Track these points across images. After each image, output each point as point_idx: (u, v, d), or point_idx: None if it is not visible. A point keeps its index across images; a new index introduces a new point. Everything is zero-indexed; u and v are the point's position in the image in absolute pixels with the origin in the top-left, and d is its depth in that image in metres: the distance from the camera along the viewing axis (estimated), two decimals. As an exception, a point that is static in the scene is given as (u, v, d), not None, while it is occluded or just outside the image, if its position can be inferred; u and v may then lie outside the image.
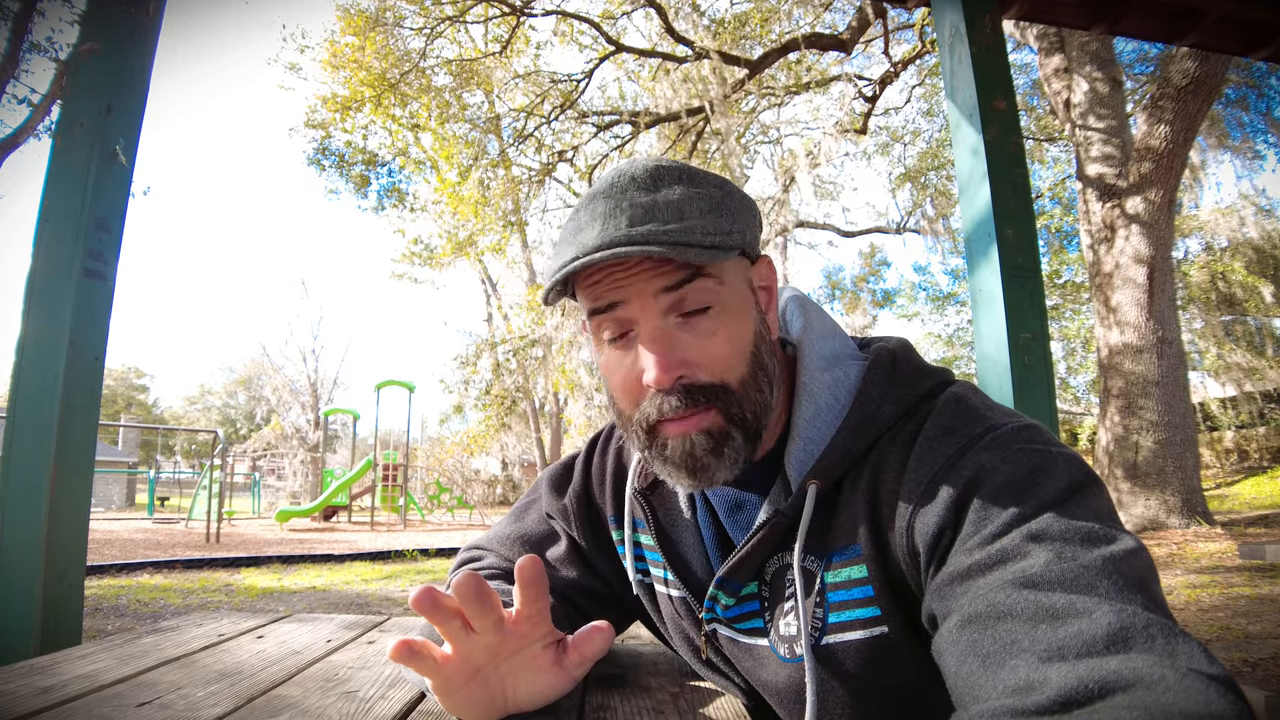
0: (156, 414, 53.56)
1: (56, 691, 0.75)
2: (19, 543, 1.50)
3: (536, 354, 12.71)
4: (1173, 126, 7.41)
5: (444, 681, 0.60)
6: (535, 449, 23.42)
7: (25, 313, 1.58)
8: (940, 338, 23.77)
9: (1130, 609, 0.43)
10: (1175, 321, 7.95)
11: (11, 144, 7.24)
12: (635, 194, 0.65)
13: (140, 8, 1.79)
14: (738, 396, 0.66)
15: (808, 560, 0.68)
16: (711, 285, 0.65)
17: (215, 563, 8.30)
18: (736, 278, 0.69)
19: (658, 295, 0.65)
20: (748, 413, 0.67)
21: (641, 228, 0.62)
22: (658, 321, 0.65)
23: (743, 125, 12.01)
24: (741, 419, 0.67)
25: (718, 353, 0.66)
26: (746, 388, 0.67)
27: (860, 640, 0.64)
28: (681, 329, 0.66)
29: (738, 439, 0.67)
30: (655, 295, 0.65)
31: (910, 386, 0.70)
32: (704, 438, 0.66)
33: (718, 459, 0.66)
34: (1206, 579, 5.19)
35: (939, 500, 0.58)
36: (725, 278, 0.67)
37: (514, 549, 0.91)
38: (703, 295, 0.65)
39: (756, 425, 0.68)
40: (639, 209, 0.64)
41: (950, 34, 2.28)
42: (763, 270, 0.74)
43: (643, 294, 0.65)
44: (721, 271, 0.67)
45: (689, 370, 0.65)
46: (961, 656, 0.48)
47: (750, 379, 0.67)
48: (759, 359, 0.68)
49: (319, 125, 13.19)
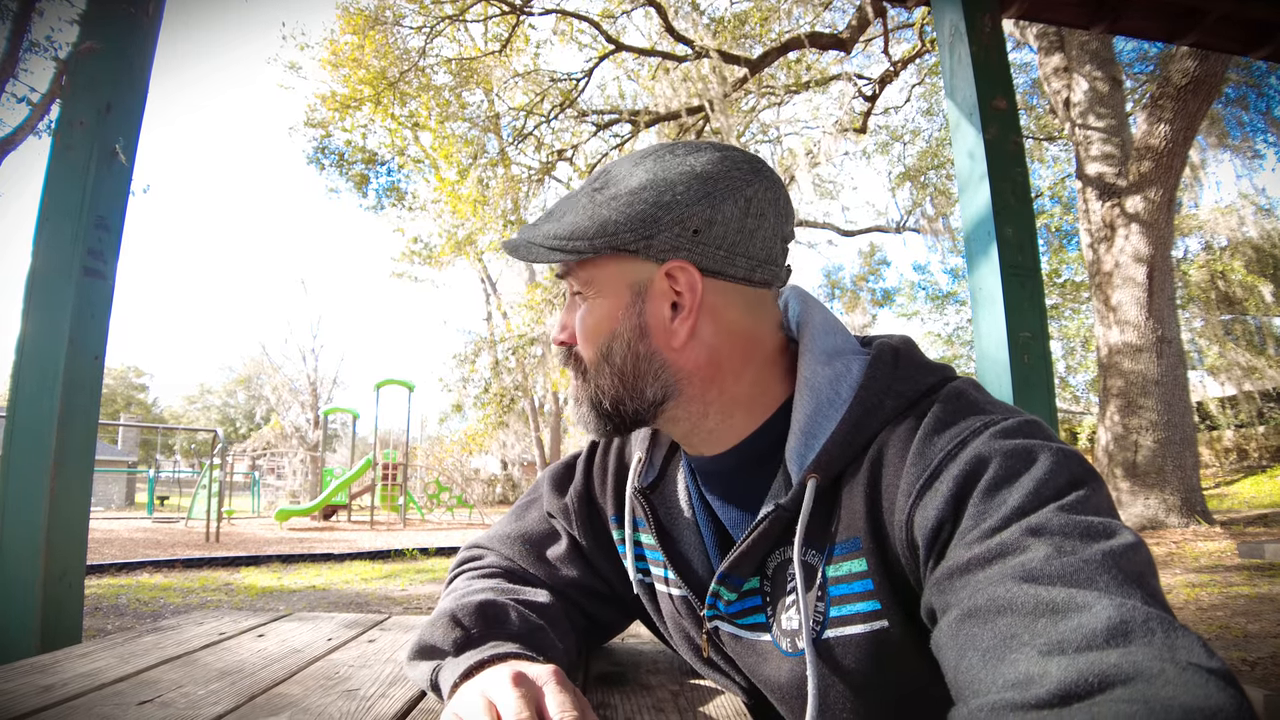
0: (156, 413, 53.54)
1: (57, 690, 0.75)
2: (19, 541, 1.50)
3: (536, 352, 12.71)
4: (1172, 125, 7.41)
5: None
6: (535, 448, 23.42)
7: (25, 311, 1.58)
8: (940, 337, 23.77)
9: (1130, 603, 0.43)
10: (1175, 321, 7.95)
11: (11, 143, 7.24)
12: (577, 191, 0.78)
13: (140, 7, 1.79)
14: (589, 372, 0.76)
15: (809, 554, 0.68)
16: (580, 282, 0.76)
17: (215, 562, 8.30)
18: (612, 282, 0.73)
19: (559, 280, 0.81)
20: (594, 390, 0.76)
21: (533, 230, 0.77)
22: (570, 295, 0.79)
23: (742, 124, 12.01)
24: (588, 393, 0.77)
25: (579, 331, 0.77)
26: (596, 371, 0.76)
27: (861, 634, 0.64)
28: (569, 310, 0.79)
29: (585, 409, 0.78)
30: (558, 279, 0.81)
31: (912, 381, 0.70)
32: (572, 400, 0.81)
33: (577, 417, 0.80)
34: (1206, 578, 5.20)
35: (938, 494, 0.58)
36: (595, 279, 0.74)
37: (514, 548, 0.91)
38: (577, 285, 0.76)
39: (603, 406, 0.76)
40: (555, 208, 0.78)
41: (950, 33, 2.28)
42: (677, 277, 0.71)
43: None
44: (590, 274, 0.74)
45: (567, 335, 0.78)
46: (961, 650, 0.48)
47: (595, 366, 0.76)
48: (609, 355, 0.74)
49: (318, 124, 13.18)
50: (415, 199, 15.98)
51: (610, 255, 0.72)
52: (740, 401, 0.74)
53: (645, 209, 0.70)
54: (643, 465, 0.85)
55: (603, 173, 0.76)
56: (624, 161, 0.76)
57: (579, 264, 0.74)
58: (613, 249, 0.71)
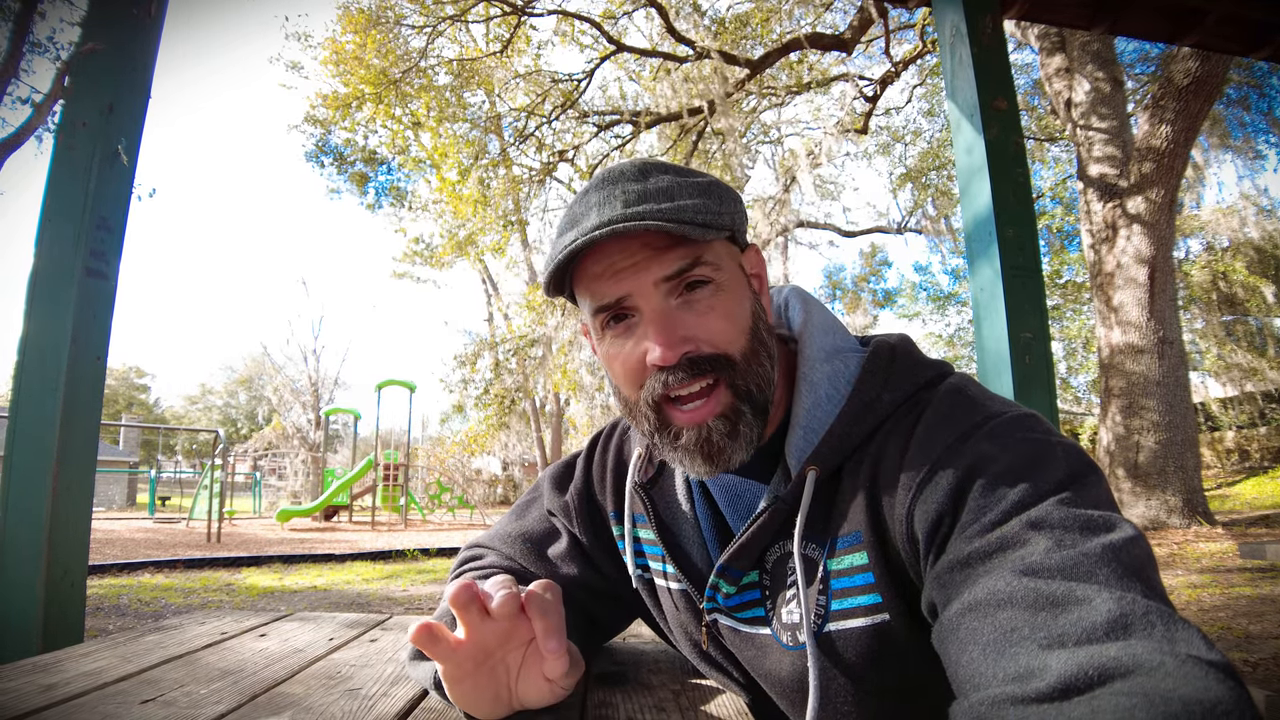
0: (157, 413, 53.57)
1: (60, 689, 0.75)
2: (21, 541, 1.50)
3: (536, 353, 12.70)
4: (1174, 126, 7.40)
5: (455, 666, 0.61)
6: (536, 449, 23.41)
7: (27, 312, 1.59)
8: (941, 337, 23.75)
9: (1130, 596, 0.43)
10: (1176, 321, 7.94)
11: (14, 143, 7.25)
12: (627, 184, 0.69)
13: (142, 8, 1.79)
14: (741, 368, 0.69)
15: (809, 548, 0.69)
16: (708, 270, 0.68)
17: (216, 562, 8.29)
18: (729, 260, 0.72)
19: (659, 284, 0.67)
20: (753, 385, 0.69)
21: (637, 207, 0.65)
22: (659, 303, 0.68)
23: (744, 125, 12.00)
24: (748, 392, 0.69)
25: (718, 327, 0.68)
26: (749, 360, 0.69)
27: (862, 627, 0.65)
28: (682, 309, 0.68)
29: (748, 414, 0.69)
30: (656, 284, 0.67)
31: (909, 377, 0.70)
32: (720, 422, 0.68)
33: (733, 441, 0.69)
34: (1207, 579, 5.19)
35: (939, 488, 0.59)
36: (720, 261, 0.70)
37: (515, 547, 0.91)
38: (707, 271, 0.68)
39: (763, 399, 0.70)
40: (632, 194, 0.67)
41: (951, 34, 2.28)
42: (752, 258, 0.76)
43: (643, 283, 0.67)
44: (716, 255, 0.70)
45: (693, 345, 0.67)
46: (962, 644, 0.48)
47: (751, 352, 0.70)
48: (758, 334, 0.71)
49: (319, 123, 13.18)
50: (416, 199, 16.00)
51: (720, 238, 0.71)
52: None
53: (732, 194, 0.73)
54: (642, 461, 0.85)
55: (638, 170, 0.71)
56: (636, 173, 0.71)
57: (707, 247, 0.69)
58: (731, 230, 0.72)
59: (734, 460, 0.69)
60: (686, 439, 0.69)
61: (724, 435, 0.68)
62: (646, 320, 0.68)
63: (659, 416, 0.70)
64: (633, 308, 0.69)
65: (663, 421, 0.70)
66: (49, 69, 7.89)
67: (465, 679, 0.62)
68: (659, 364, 0.66)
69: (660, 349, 0.66)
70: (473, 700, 0.64)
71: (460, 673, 0.61)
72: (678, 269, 0.67)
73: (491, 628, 0.61)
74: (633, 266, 0.67)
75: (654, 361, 0.67)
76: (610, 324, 0.70)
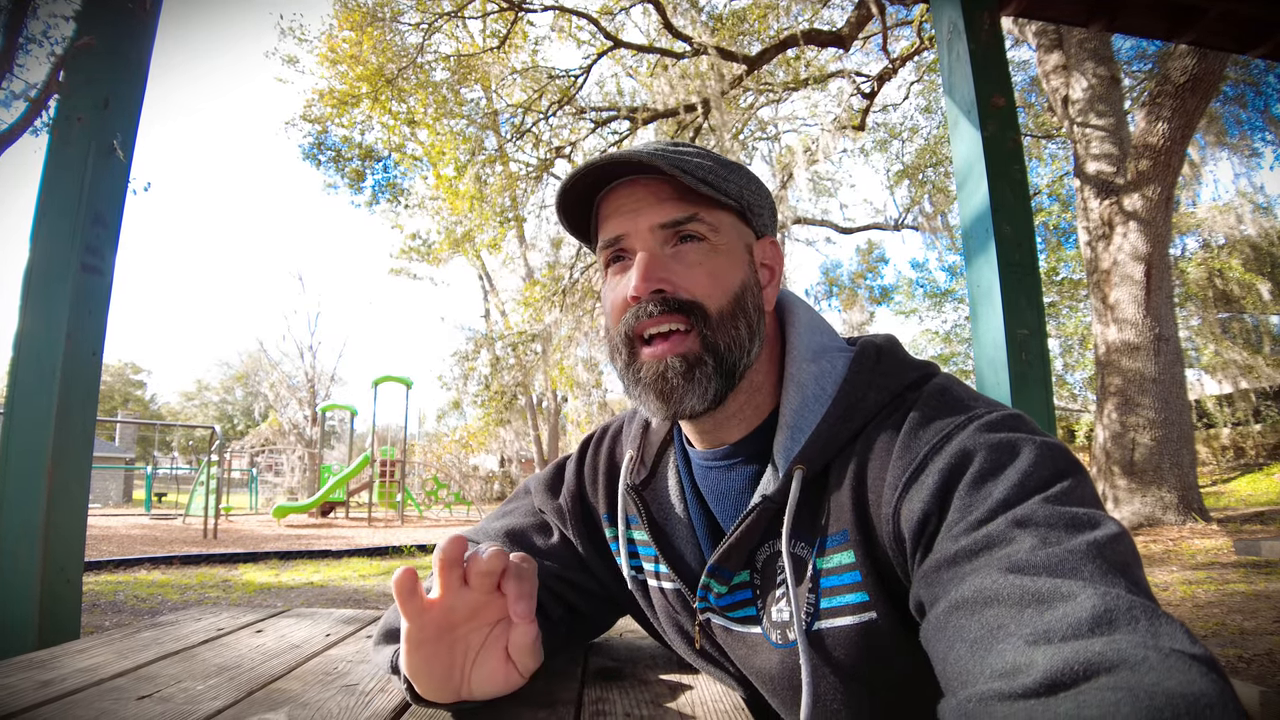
0: (154, 410, 53.46)
1: (56, 685, 0.75)
2: (17, 537, 1.49)
3: (535, 349, 12.70)
4: (1171, 124, 7.41)
5: (419, 629, 0.62)
6: (533, 445, 23.41)
7: (22, 308, 1.58)
8: (938, 334, 23.79)
9: (1114, 592, 0.44)
10: (1173, 319, 7.96)
11: (8, 139, 7.22)
12: (653, 144, 0.74)
13: (137, 1, 1.78)
14: (713, 321, 0.71)
15: (798, 546, 0.69)
16: (703, 228, 0.72)
17: (213, 558, 8.29)
18: (733, 233, 0.75)
19: (654, 230, 0.73)
20: (721, 341, 0.71)
21: (644, 151, 0.71)
22: (650, 245, 0.73)
23: (741, 121, 11.99)
24: (714, 346, 0.71)
25: (698, 278, 0.72)
26: (723, 318, 0.72)
27: (850, 626, 0.65)
28: (673, 258, 0.73)
29: (709, 365, 0.71)
30: (653, 230, 0.72)
31: (895, 377, 0.71)
32: (678, 360, 0.71)
33: (688, 383, 0.71)
34: (1202, 575, 5.21)
35: (924, 487, 0.59)
36: (720, 226, 0.74)
37: (499, 541, 0.91)
38: (703, 229, 0.73)
39: (731, 360, 0.72)
40: (649, 147, 0.72)
41: (948, 30, 2.27)
42: (767, 248, 0.79)
43: (640, 225, 0.73)
44: (717, 219, 0.74)
45: (669, 286, 0.71)
46: (949, 642, 0.49)
47: (728, 313, 0.72)
48: (741, 302, 0.73)
49: (316, 119, 13.13)
50: (413, 196, 15.96)
51: (731, 210, 0.76)
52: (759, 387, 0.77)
53: (756, 181, 0.78)
54: (634, 463, 0.85)
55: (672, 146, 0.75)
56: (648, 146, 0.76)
57: (710, 209, 0.73)
58: (739, 206, 0.76)
59: (685, 404, 0.71)
60: (645, 373, 0.72)
61: (679, 375, 0.70)
62: (636, 260, 0.72)
63: (629, 351, 0.74)
64: (629, 249, 0.74)
65: (632, 356, 0.74)
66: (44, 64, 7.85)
67: (425, 645, 0.62)
68: (632, 295, 0.70)
69: (637, 280, 0.70)
70: (425, 671, 0.64)
71: (422, 636, 0.62)
72: (674, 219, 0.72)
73: (466, 596, 0.62)
74: (634, 210, 0.73)
75: (628, 294, 0.71)
76: (612, 263, 0.76)
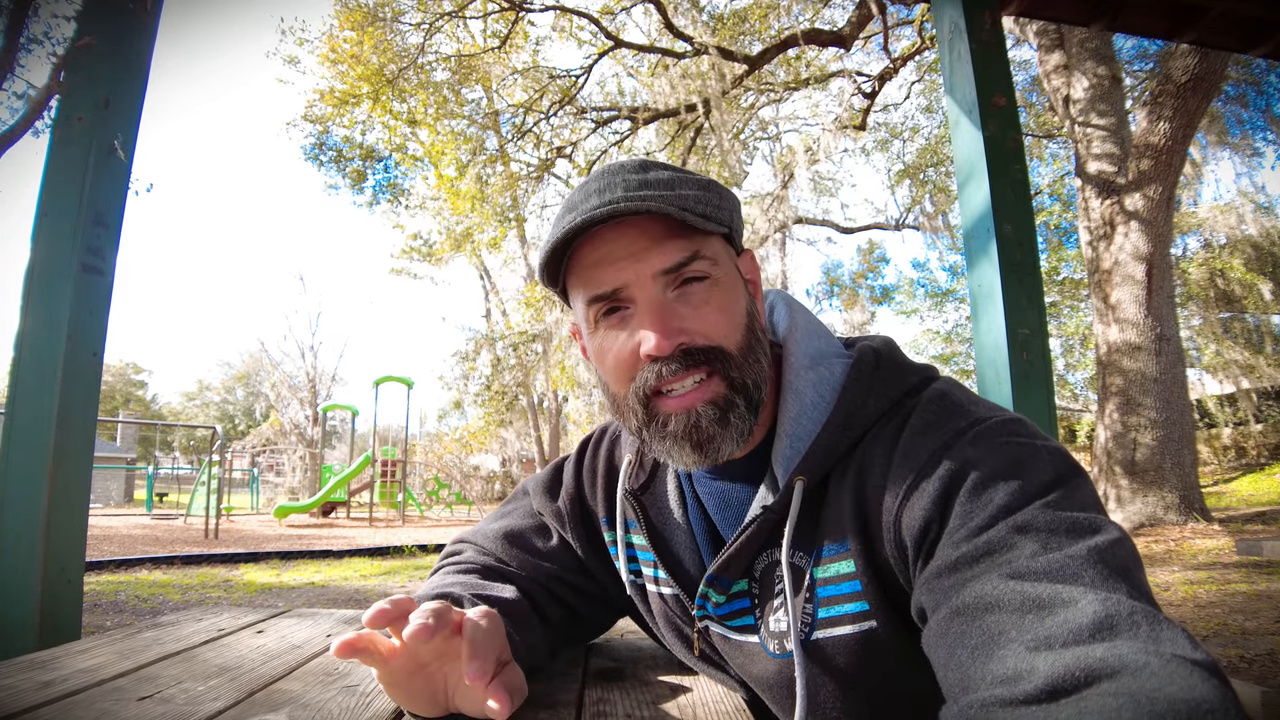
0: (155, 410, 53.49)
1: (57, 685, 0.75)
2: (18, 538, 1.49)
3: (536, 349, 12.69)
4: (1172, 123, 7.40)
5: (389, 674, 0.61)
6: (534, 445, 23.41)
7: (24, 308, 1.58)
8: (939, 334, 23.77)
9: (1115, 597, 0.44)
10: (1174, 318, 7.95)
11: (9, 139, 7.22)
12: (627, 174, 0.68)
13: (138, 2, 1.78)
14: (736, 361, 0.68)
15: (796, 556, 0.68)
16: (706, 265, 0.68)
17: (214, 558, 8.29)
18: (725, 259, 0.72)
19: (657, 276, 0.66)
20: (747, 378, 0.68)
21: (639, 192, 0.65)
22: (656, 295, 0.66)
23: (741, 121, 11.99)
24: (742, 385, 0.68)
25: (714, 319, 0.67)
26: (744, 354, 0.68)
27: (849, 635, 0.65)
28: (678, 302, 0.67)
29: (740, 406, 0.68)
30: (655, 276, 0.66)
31: (894, 383, 0.70)
32: (710, 408, 0.67)
33: (724, 429, 0.67)
34: (1204, 575, 5.20)
35: (925, 495, 0.59)
36: (717, 257, 0.70)
37: (496, 542, 0.91)
38: (703, 267, 0.67)
39: (757, 395, 0.69)
40: (633, 182, 0.67)
41: (950, 30, 2.27)
42: (748, 262, 0.77)
43: (642, 274, 0.66)
44: (714, 250, 0.69)
45: (687, 337, 0.66)
46: (951, 648, 0.49)
47: (747, 347, 0.69)
48: (753, 332, 0.71)
49: (316, 120, 13.14)
50: (414, 195, 15.95)
51: (720, 235, 0.72)
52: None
53: (733, 198, 0.74)
54: (633, 468, 0.85)
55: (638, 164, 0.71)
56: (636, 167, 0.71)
57: (705, 240, 0.68)
58: (729, 230, 0.72)
59: (723, 450, 0.68)
60: (675, 425, 0.68)
61: (713, 422, 0.67)
62: (642, 311, 0.66)
63: (647, 410, 0.68)
64: (629, 299, 0.67)
65: (651, 414, 0.68)
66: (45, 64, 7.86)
67: (399, 685, 0.62)
68: (653, 354, 0.65)
69: (655, 338, 0.65)
70: (407, 702, 0.64)
71: (393, 679, 0.61)
72: (677, 262, 0.66)
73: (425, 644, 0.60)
74: (631, 256, 0.66)
75: (648, 352, 0.65)
76: (604, 316, 0.69)
